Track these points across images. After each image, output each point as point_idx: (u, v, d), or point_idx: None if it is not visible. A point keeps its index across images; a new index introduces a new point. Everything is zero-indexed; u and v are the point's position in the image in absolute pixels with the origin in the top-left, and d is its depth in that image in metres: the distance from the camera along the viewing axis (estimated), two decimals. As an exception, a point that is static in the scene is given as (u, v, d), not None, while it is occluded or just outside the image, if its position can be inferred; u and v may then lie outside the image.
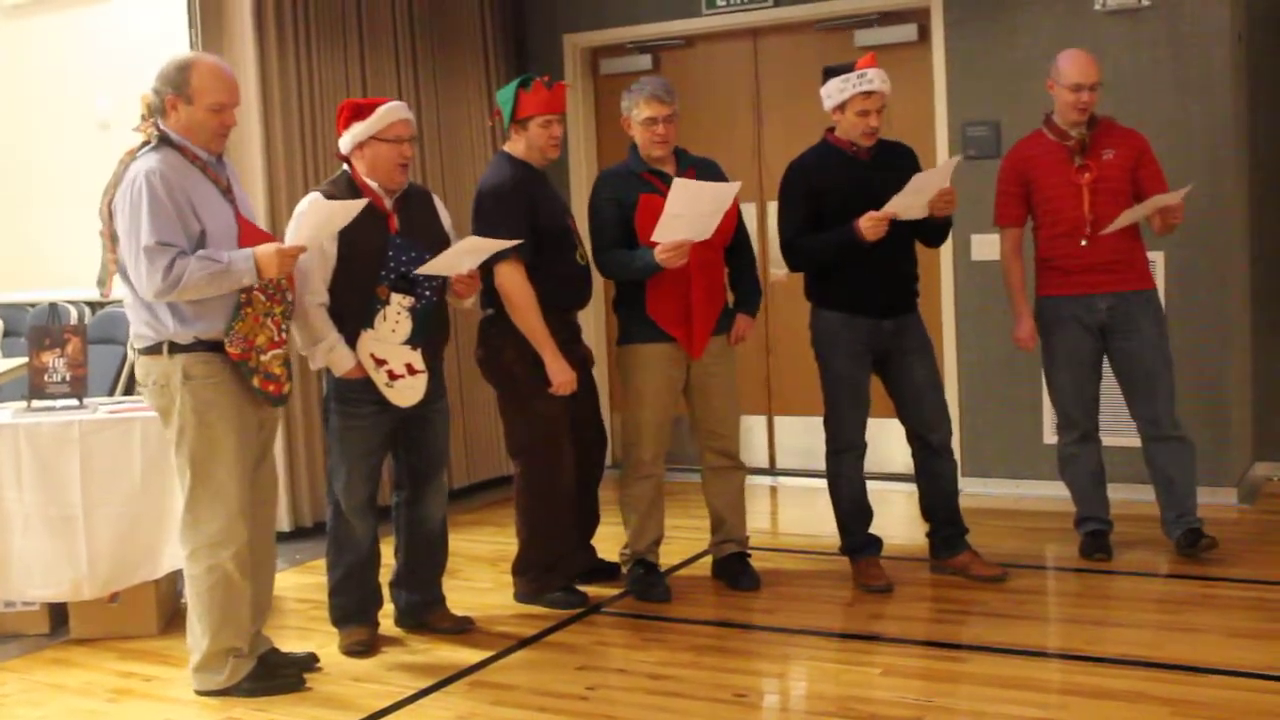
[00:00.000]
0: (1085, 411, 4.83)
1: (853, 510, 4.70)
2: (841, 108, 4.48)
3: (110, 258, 3.70)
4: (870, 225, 4.33)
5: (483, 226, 4.34)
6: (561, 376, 4.39)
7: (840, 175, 4.50)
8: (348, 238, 3.93)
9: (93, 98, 7.26)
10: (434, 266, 4.01)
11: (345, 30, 6.03)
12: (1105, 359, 4.82)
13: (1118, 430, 5.32)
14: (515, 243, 4.22)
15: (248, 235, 3.71)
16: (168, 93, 3.65)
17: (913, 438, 4.69)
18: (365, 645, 4.17)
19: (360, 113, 4.06)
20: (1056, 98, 4.75)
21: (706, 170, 4.62)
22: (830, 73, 4.52)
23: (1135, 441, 4.91)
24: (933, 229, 4.57)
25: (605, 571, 4.84)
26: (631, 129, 4.55)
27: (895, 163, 4.51)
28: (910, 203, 4.33)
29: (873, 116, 4.45)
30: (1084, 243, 4.66)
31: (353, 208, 3.80)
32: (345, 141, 4.09)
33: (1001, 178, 4.89)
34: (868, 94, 4.41)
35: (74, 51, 7.35)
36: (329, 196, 3.98)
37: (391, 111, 4.05)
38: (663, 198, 4.25)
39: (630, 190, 4.50)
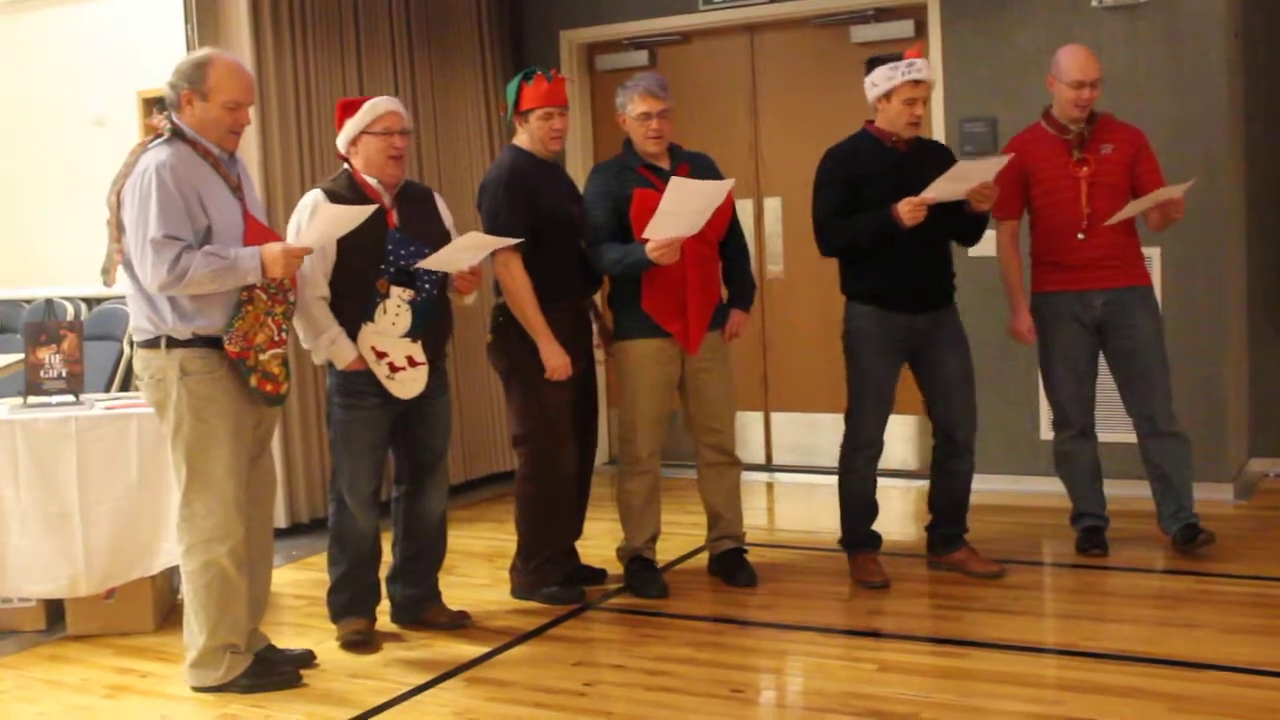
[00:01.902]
0: (1081, 408, 4.83)
1: (859, 507, 4.69)
2: (888, 96, 4.44)
3: (115, 248, 3.69)
4: (909, 210, 4.29)
5: (483, 217, 4.43)
6: (554, 361, 4.40)
7: (879, 164, 4.47)
8: (347, 233, 3.95)
9: (88, 94, 7.26)
10: (434, 262, 4.05)
11: (341, 27, 6.02)
12: (1101, 355, 4.82)
13: (1114, 426, 5.32)
14: (515, 241, 4.25)
15: (254, 233, 3.72)
16: (184, 87, 3.66)
17: (937, 432, 4.67)
18: (364, 635, 4.18)
19: (350, 109, 4.13)
20: (1056, 94, 4.74)
21: (700, 165, 4.62)
22: (876, 61, 4.50)
23: (1131, 437, 4.90)
24: (968, 224, 4.53)
25: (589, 577, 4.78)
26: (626, 125, 4.54)
27: (933, 159, 4.47)
28: (949, 189, 4.31)
29: (918, 105, 4.43)
30: (1081, 236, 4.66)
31: (361, 213, 3.83)
32: (341, 139, 4.16)
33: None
34: (916, 83, 4.41)
35: (69, 48, 7.35)
36: (331, 195, 4.03)
37: (379, 105, 4.12)
38: (657, 192, 4.24)
39: (624, 185, 4.49)
